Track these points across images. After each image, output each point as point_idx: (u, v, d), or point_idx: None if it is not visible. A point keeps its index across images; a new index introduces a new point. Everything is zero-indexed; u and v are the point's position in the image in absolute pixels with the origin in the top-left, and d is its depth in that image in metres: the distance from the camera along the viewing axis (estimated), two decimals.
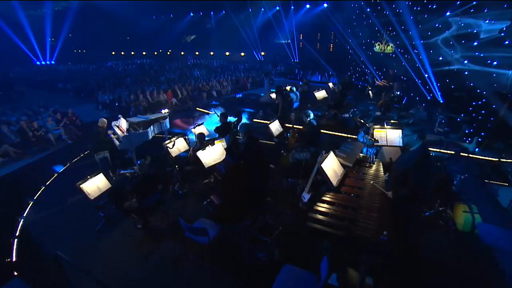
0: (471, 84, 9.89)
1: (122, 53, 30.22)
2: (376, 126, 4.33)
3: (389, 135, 4.26)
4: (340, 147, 4.42)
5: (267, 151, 5.35)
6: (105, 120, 6.70)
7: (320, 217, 3.10)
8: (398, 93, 8.26)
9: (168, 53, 28.84)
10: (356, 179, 3.83)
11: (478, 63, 9.52)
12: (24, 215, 5.16)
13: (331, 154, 3.74)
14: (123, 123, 6.88)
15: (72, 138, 9.32)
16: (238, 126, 5.16)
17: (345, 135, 7.71)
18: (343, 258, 2.87)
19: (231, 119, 6.40)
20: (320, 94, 9.55)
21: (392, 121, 5.35)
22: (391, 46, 14.26)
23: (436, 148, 6.85)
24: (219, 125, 6.16)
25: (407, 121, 5.03)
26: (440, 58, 11.23)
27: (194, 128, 6.40)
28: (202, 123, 6.67)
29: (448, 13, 10.28)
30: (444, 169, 4.93)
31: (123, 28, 28.11)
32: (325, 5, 19.82)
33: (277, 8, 21.93)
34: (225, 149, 3.93)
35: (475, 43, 9.39)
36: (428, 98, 11.28)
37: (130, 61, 25.74)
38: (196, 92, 14.88)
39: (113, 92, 13.33)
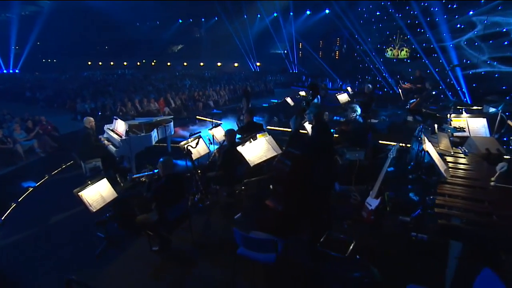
0: (503, 87, 10.06)
1: (100, 63, 29.72)
2: (454, 116, 4.00)
3: (471, 124, 3.91)
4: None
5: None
6: (92, 119, 6.06)
7: (456, 213, 2.67)
8: (434, 92, 8.15)
9: (153, 63, 28.64)
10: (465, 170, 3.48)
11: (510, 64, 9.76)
12: None
13: (428, 142, 3.33)
14: (120, 125, 6.24)
15: (46, 151, 8.46)
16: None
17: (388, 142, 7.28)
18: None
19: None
20: (343, 97, 9.33)
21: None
22: (406, 51, 14.65)
23: None
24: (243, 125, 5.72)
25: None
26: (464, 61, 11.51)
27: (211, 129, 5.87)
28: (220, 123, 6.15)
29: (471, 12, 10.67)
30: None
31: (101, 36, 27.89)
32: (327, 11, 20.54)
33: (275, 14, 22.53)
34: (289, 136, 3.41)
35: (506, 43, 9.69)
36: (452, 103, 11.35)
37: (110, 72, 25.24)
38: (191, 101, 14.46)
39: (95, 100, 12.68)
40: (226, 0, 21.30)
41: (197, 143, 4.62)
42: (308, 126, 4.91)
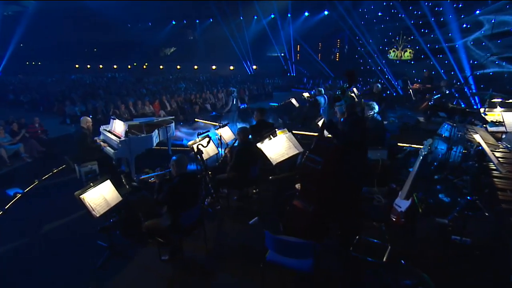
0: None
1: (88, 66, 29.24)
2: (488, 110, 3.87)
3: (507, 119, 3.78)
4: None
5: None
6: (89, 118, 5.81)
7: None
8: (448, 92, 8.11)
9: (144, 66, 28.33)
10: None
11: None
12: None
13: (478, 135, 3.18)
14: (118, 126, 5.97)
15: (33, 156, 8.08)
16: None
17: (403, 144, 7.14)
18: None
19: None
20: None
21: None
22: (409, 52, 14.78)
23: None
24: (253, 124, 5.52)
25: None
26: (470, 62, 11.60)
27: (218, 128, 5.65)
28: (227, 123, 5.93)
29: (477, 12, 10.81)
30: None
31: (89, 38, 27.52)
32: (326, 12, 20.75)
33: (272, 16, 22.63)
34: (321, 127, 3.19)
35: None
36: (462, 105, 11.39)
37: (100, 75, 24.83)
38: (187, 104, 14.23)
39: (85, 103, 12.35)
40: (222, 0, 21.27)
41: (208, 142, 4.37)
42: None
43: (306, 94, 10.95)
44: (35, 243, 4.06)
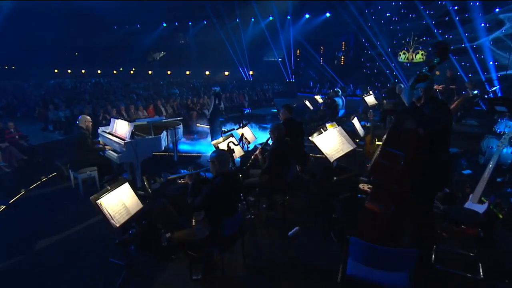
0: None
1: (69, 71, 28.61)
2: None
3: None
4: None
5: None
6: (88, 117, 5.39)
7: None
8: (476, 92, 7.99)
9: (132, 72, 27.89)
10: None
11: None
12: None
13: None
14: (121, 126, 5.55)
15: (12, 165, 7.52)
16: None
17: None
18: None
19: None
20: (371, 99, 9.09)
21: None
22: (422, 54, 14.89)
23: None
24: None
25: None
26: (491, 63, 11.70)
27: (238, 128, 5.30)
28: (248, 123, 5.59)
29: (497, 10, 10.97)
30: None
31: (70, 42, 27.00)
32: (328, 14, 20.98)
33: (271, 18, 22.74)
34: (399, 111, 2.86)
35: None
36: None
37: (82, 80, 24.27)
38: (184, 110, 13.89)
39: (71, 108, 11.89)
40: (218, 0, 21.27)
41: (240, 139, 4.00)
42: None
43: (318, 97, 10.82)
44: (28, 263, 3.54)
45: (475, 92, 8.12)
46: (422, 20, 13.67)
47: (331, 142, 3.59)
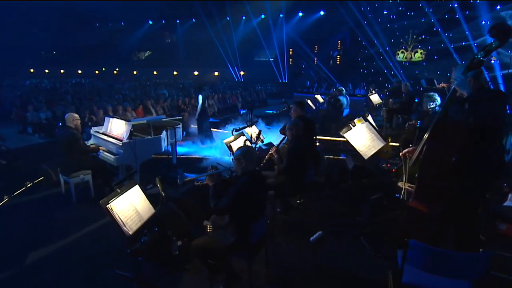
0: None
1: (46, 70, 27.75)
2: None
3: None
4: None
5: None
6: (76, 115, 5.04)
7: None
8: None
9: (115, 72, 27.31)
10: None
11: None
12: None
13: None
14: (117, 126, 5.28)
15: None
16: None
17: None
18: None
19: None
20: (375, 98, 9.07)
21: None
22: (420, 53, 15.09)
23: None
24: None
25: None
26: (492, 61, 11.92)
27: (247, 127, 5.12)
28: (257, 121, 5.41)
29: (498, 7, 11.21)
30: None
31: (48, 40, 26.25)
32: (322, 13, 21.12)
33: (263, 16, 22.73)
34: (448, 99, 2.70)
35: None
36: None
37: (62, 80, 23.55)
38: (175, 111, 13.62)
39: (52, 109, 11.44)
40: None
41: (257, 137, 3.80)
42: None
43: (318, 97, 10.78)
44: (22, 277, 3.23)
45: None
46: (421, 18, 13.87)
47: (362, 138, 3.45)
